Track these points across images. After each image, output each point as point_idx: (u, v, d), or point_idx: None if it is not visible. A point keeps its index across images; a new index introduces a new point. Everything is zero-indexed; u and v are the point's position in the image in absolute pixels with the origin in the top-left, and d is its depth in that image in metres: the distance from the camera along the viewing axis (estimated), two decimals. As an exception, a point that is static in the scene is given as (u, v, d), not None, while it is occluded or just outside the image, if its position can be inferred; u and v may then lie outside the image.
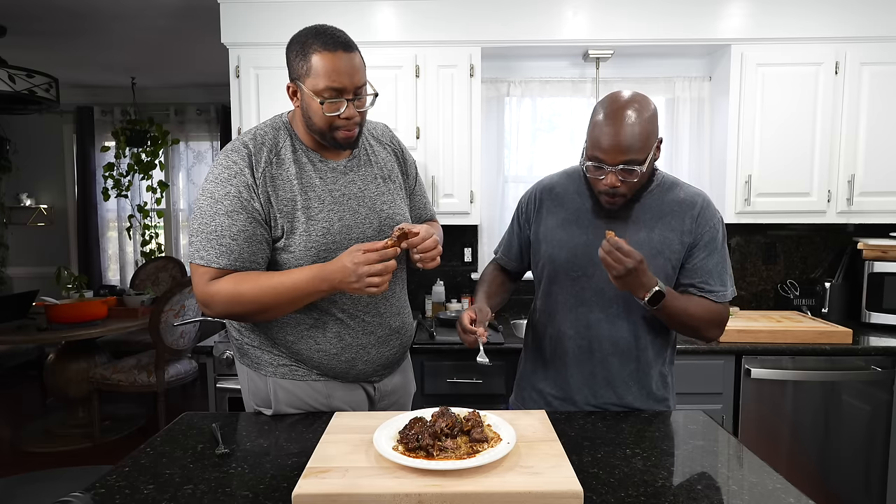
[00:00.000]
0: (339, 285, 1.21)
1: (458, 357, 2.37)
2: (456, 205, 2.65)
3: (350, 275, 1.18)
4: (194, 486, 1.04)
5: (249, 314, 1.27)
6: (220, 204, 1.25)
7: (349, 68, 1.23)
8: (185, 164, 5.07)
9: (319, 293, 1.24)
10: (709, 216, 1.40)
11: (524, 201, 1.59)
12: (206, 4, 2.91)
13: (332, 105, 1.23)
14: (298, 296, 1.24)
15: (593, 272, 1.41)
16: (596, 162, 1.31)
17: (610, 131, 1.28)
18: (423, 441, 1.03)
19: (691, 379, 2.33)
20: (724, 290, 1.39)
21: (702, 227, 1.39)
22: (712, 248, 1.39)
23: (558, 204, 1.49)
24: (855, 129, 2.57)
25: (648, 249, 1.37)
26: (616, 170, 1.29)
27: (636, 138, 1.27)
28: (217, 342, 2.48)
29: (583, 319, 1.43)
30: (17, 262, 5.17)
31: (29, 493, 2.77)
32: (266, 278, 1.24)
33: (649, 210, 1.41)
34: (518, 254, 1.61)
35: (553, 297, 1.48)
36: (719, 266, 1.40)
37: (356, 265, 1.18)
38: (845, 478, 2.37)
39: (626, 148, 1.27)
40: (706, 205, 1.41)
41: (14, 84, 3.22)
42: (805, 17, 2.55)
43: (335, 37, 1.23)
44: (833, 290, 2.79)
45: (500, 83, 2.93)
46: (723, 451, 1.22)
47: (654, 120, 1.32)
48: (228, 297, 1.23)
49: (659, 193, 1.43)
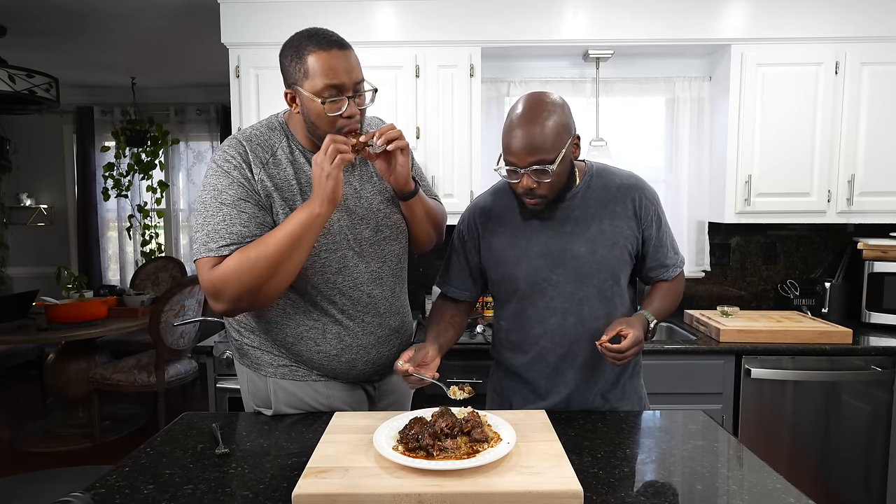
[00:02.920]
0: (322, 192, 1.17)
1: (459, 357, 2.37)
2: (456, 205, 2.65)
3: (315, 170, 1.17)
4: (194, 486, 1.04)
5: (262, 281, 1.19)
6: (225, 194, 1.23)
7: (346, 65, 1.22)
8: (185, 164, 5.07)
9: (319, 216, 1.18)
10: (648, 196, 1.44)
11: (462, 231, 1.53)
12: (206, 4, 2.91)
13: (334, 104, 1.22)
14: (301, 230, 1.18)
15: (557, 279, 1.41)
16: (509, 165, 1.33)
17: (517, 133, 1.29)
18: (423, 441, 1.03)
19: (691, 379, 2.33)
20: (677, 256, 1.49)
21: (646, 210, 1.43)
22: (658, 224, 1.45)
23: (499, 223, 1.47)
24: (855, 129, 2.57)
25: (602, 242, 1.40)
26: (528, 171, 1.30)
27: (544, 138, 1.27)
28: (217, 342, 2.48)
29: (558, 329, 1.41)
30: (17, 262, 5.17)
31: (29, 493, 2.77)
32: (265, 236, 1.21)
33: (593, 203, 1.42)
34: (471, 283, 1.54)
35: (523, 314, 1.45)
36: (668, 237, 1.48)
37: (317, 165, 1.17)
38: (845, 478, 2.37)
39: (534, 148, 1.28)
40: (642, 185, 1.45)
41: (14, 84, 3.22)
42: (805, 17, 2.55)
43: (328, 36, 1.22)
44: (833, 290, 2.79)
45: (500, 83, 2.92)
46: (723, 451, 1.22)
47: (566, 119, 1.31)
48: (238, 268, 1.17)
49: (596, 183, 1.44)
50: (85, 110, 4.97)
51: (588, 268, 1.39)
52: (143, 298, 3.78)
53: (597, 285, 1.40)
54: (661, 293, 1.48)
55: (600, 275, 1.40)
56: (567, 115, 1.33)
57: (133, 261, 5.08)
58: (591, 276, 1.40)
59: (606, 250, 1.39)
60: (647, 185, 1.46)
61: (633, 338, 1.25)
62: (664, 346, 2.32)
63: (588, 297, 1.40)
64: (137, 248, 5.05)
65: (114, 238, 5.21)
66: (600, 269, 1.39)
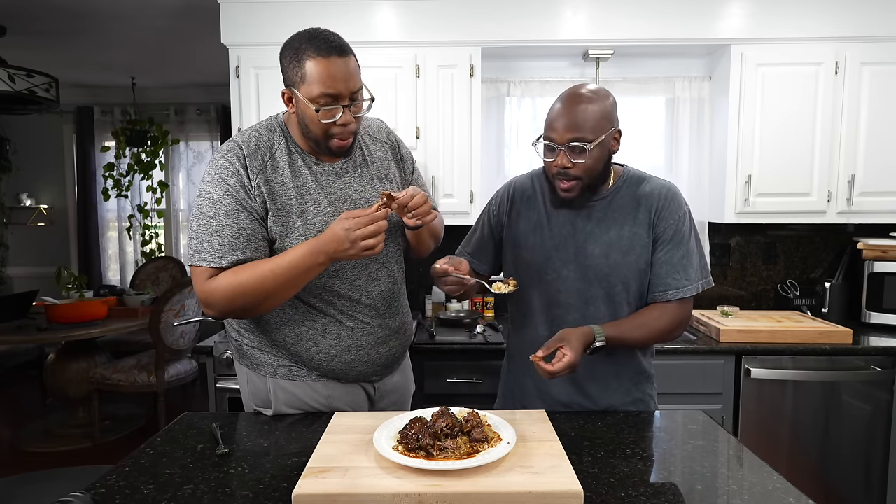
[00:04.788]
0: (335, 255, 1.19)
1: (458, 357, 2.37)
2: (456, 205, 2.65)
3: (343, 241, 1.17)
4: (194, 486, 1.04)
5: (252, 305, 1.23)
6: (220, 203, 1.24)
7: (344, 73, 1.20)
8: (185, 164, 5.07)
9: (318, 266, 1.21)
10: (672, 209, 1.39)
11: (494, 204, 1.56)
12: (206, 4, 2.91)
13: (328, 112, 1.21)
14: (297, 273, 1.21)
15: (567, 274, 1.42)
16: (547, 141, 1.34)
17: (560, 110, 1.33)
18: (423, 441, 1.03)
19: (691, 379, 2.33)
20: (688, 284, 1.37)
21: (664, 222, 1.38)
22: (677, 242, 1.38)
23: (528, 206, 1.49)
24: (855, 129, 2.57)
25: (619, 248, 1.39)
26: (565, 149, 1.31)
27: (586, 117, 1.30)
28: (217, 342, 2.48)
29: (557, 321, 1.42)
30: (17, 262, 5.17)
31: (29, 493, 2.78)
32: (263, 264, 1.22)
33: (619, 207, 1.41)
34: (491, 256, 1.57)
35: (527, 301, 1.47)
36: (684, 259, 1.37)
37: (347, 231, 1.16)
38: (845, 478, 2.37)
39: (575, 126, 1.30)
40: (669, 197, 1.40)
41: (14, 84, 3.22)
42: (805, 17, 2.55)
43: (329, 41, 1.20)
44: (833, 290, 2.79)
45: (500, 83, 2.92)
46: (723, 451, 1.22)
47: (610, 109, 1.34)
48: (229, 290, 1.21)
49: (627, 189, 1.43)
50: (85, 110, 4.97)
51: (599, 270, 1.40)
52: (143, 298, 3.78)
53: (605, 288, 1.40)
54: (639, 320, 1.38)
55: (610, 279, 1.40)
56: (612, 107, 1.35)
57: (133, 261, 5.08)
58: (600, 278, 1.40)
59: (621, 256, 1.39)
60: (676, 199, 1.40)
61: (566, 363, 1.23)
62: (664, 346, 2.32)
63: (595, 297, 1.41)
64: (137, 248, 5.06)
65: (114, 238, 5.21)
66: (611, 274, 1.39)
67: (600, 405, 1.45)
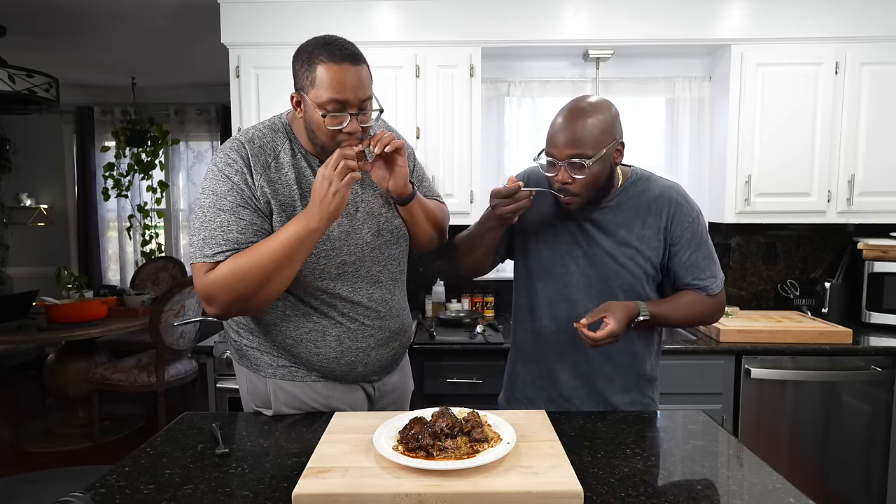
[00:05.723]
0: (322, 204, 1.16)
1: (458, 357, 2.37)
2: (456, 205, 2.65)
3: (322, 184, 1.16)
4: (194, 486, 1.03)
5: (253, 290, 1.19)
6: (225, 199, 1.23)
7: (355, 81, 1.19)
8: (185, 164, 5.07)
9: (316, 231, 1.18)
10: (686, 213, 1.41)
11: None
12: (206, 4, 2.91)
13: (335, 119, 1.20)
14: (296, 244, 1.18)
15: (575, 270, 1.43)
16: (549, 157, 1.34)
17: (560, 125, 1.32)
18: (423, 441, 1.03)
19: (691, 379, 2.33)
20: (715, 279, 1.43)
21: (679, 226, 1.40)
22: (697, 243, 1.41)
23: (543, 198, 1.49)
24: (855, 129, 2.57)
25: (627, 250, 1.40)
26: (565, 165, 1.30)
27: (586, 132, 1.29)
28: (217, 342, 2.48)
29: (564, 314, 1.44)
30: (17, 262, 5.17)
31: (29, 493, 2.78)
32: (259, 245, 1.21)
33: (626, 209, 1.42)
34: (507, 244, 1.56)
35: (535, 293, 1.49)
36: (707, 259, 1.43)
37: (322, 175, 1.16)
38: (845, 478, 2.37)
39: (575, 142, 1.29)
40: (681, 200, 1.42)
41: (14, 84, 3.22)
42: (805, 17, 2.55)
43: (342, 48, 1.20)
44: (833, 290, 2.79)
45: (500, 83, 2.92)
46: (723, 451, 1.22)
47: (611, 121, 1.33)
48: (229, 275, 1.18)
49: (635, 191, 1.43)
50: (85, 110, 4.97)
51: (606, 269, 1.41)
52: (143, 298, 3.77)
53: (612, 287, 1.41)
54: (684, 300, 1.42)
55: (617, 279, 1.41)
56: (614, 119, 1.34)
57: (133, 261, 5.08)
58: (607, 277, 1.41)
59: (628, 258, 1.40)
60: (687, 202, 1.42)
61: (608, 331, 1.28)
62: (664, 346, 2.32)
63: (600, 295, 1.41)
64: (137, 248, 5.06)
65: (114, 238, 5.21)
66: (618, 274, 1.41)
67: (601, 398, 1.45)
